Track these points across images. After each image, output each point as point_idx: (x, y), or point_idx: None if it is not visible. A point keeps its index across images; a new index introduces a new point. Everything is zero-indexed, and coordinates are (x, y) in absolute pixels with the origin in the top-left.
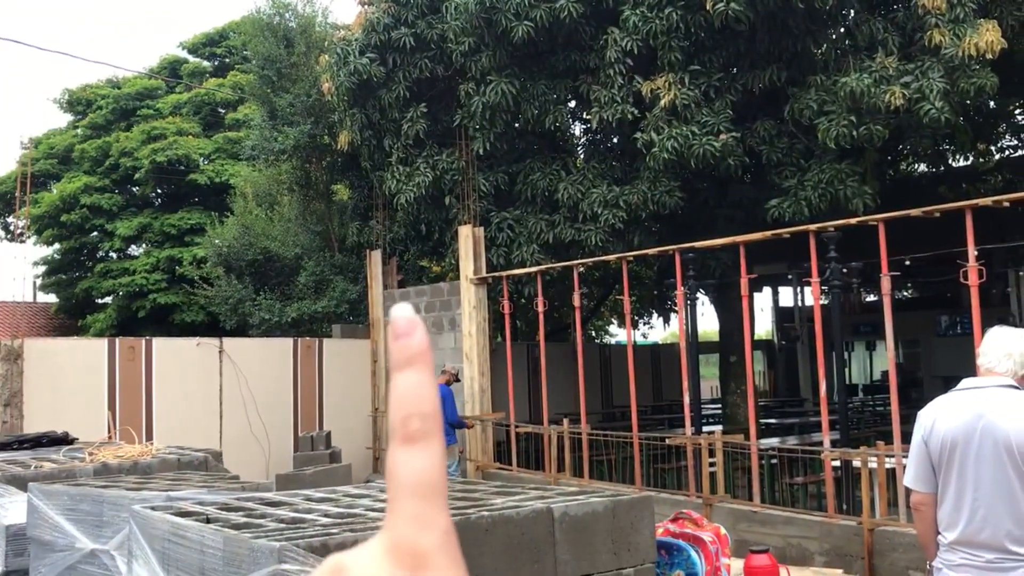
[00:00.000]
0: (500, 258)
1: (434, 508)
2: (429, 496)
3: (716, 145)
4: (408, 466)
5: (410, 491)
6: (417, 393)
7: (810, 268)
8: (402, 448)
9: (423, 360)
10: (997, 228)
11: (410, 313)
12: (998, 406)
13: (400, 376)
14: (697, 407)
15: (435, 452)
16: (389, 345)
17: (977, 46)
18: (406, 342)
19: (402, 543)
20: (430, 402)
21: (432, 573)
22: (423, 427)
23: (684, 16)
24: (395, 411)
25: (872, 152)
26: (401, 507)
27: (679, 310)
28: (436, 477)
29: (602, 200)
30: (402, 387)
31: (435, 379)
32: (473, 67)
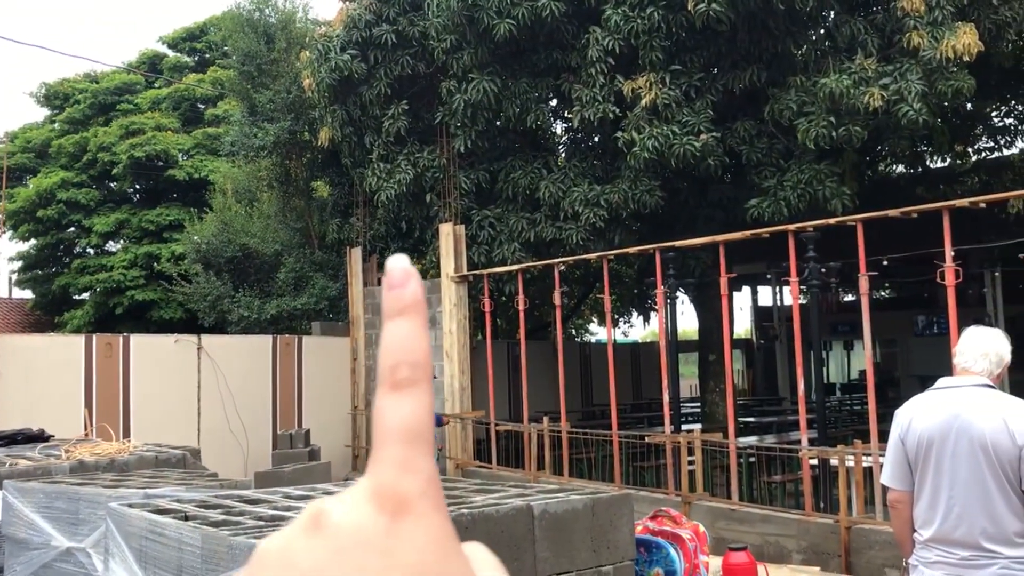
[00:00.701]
0: (481, 256)
1: (418, 453)
2: (413, 441)
3: (696, 145)
4: (393, 412)
5: (395, 436)
6: (408, 342)
7: (789, 268)
8: (389, 395)
9: (416, 310)
10: (974, 229)
11: (405, 263)
12: (974, 405)
13: (391, 324)
14: (676, 405)
15: (422, 400)
16: (383, 295)
17: (955, 48)
18: (399, 292)
19: (384, 487)
20: (421, 351)
21: (414, 518)
22: (412, 375)
23: (665, 16)
24: (384, 359)
25: (851, 153)
26: (385, 452)
27: (659, 309)
28: (422, 424)
29: (583, 199)
30: (393, 335)
31: (427, 330)
32: (455, 65)
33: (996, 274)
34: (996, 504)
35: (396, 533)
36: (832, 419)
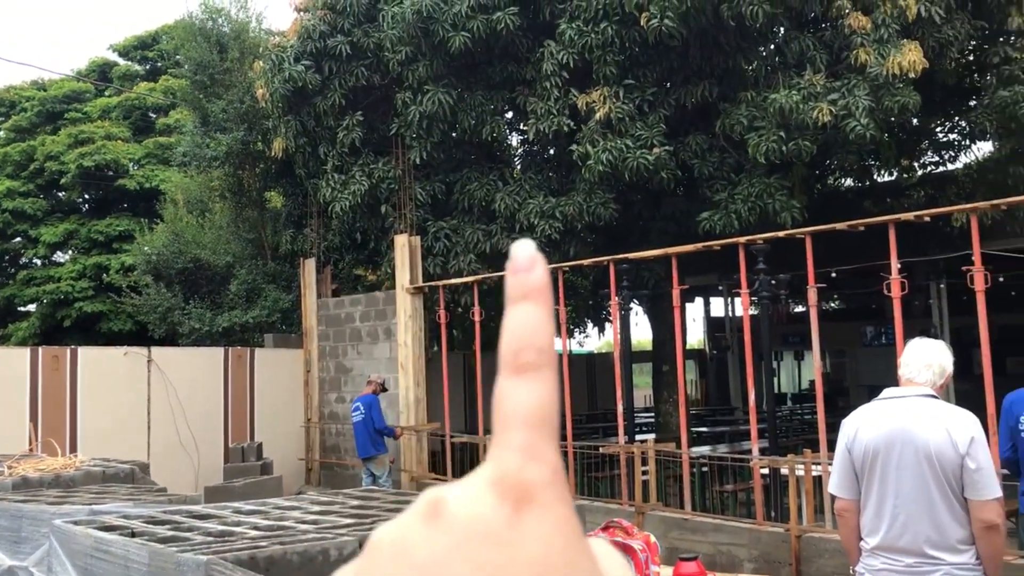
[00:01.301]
0: (437, 267)
1: (543, 441)
2: (538, 428)
3: (650, 158)
4: (517, 396)
5: (518, 421)
6: (532, 326)
7: (740, 280)
8: (512, 379)
9: (541, 295)
10: (920, 242)
11: (532, 249)
12: (918, 416)
13: (515, 309)
14: (630, 416)
15: (547, 385)
16: (506, 280)
17: (900, 65)
18: (524, 276)
19: (506, 475)
20: (545, 336)
21: (538, 509)
22: (536, 359)
23: (619, 31)
24: (507, 344)
25: (800, 167)
26: (507, 438)
27: (613, 320)
28: (547, 410)
29: (539, 211)
30: (516, 320)
31: (552, 317)
32: (410, 76)
33: (941, 286)
34: (940, 512)
35: (519, 525)
36: (783, 428)
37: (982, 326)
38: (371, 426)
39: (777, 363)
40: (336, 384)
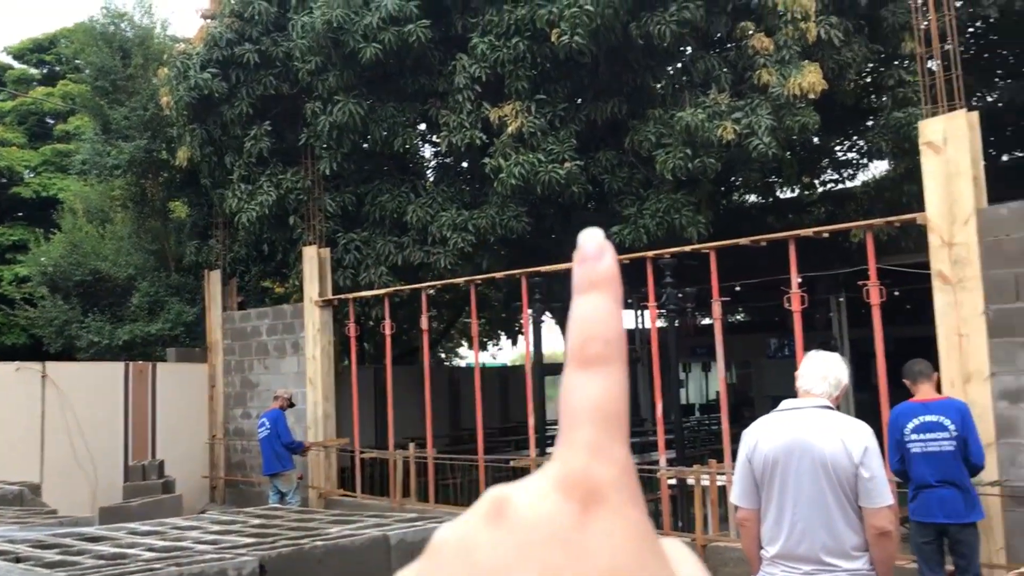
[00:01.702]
0: (347, 280)
1: (612, 438)
2: (606, 424)
3: (561, 173)
4: (584, 390)
5: (585, 417)
6: (600, 316)
7: (648, 293)
8: (578, 372)
9: (609, 284)
10: (821, 256)
11: (600, 238)
12: (815, 426)
13: (582, 299)
14: (542, 428)
15: (616, 378)
16: (574, 269)
17: (801, 86)
18: (592, 265)
19: (573, 475)
20: (614, 327)
21: (607, 511)
22: (604, 351)
23: (530, 46)
24: (574, 334)
25: (706, 183)
26: (574, 435)
27: (525, 333)
28: (616, 405)
29: (451, 223)
30: (584, 310)
31: (621, 307)
32: (320, 86)
33: (841, 299)
34: (836, 520)
35: (587, 528)
36: (691, 439)
37: (878, 338)
38: (276, 442)
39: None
40: (242, 399)
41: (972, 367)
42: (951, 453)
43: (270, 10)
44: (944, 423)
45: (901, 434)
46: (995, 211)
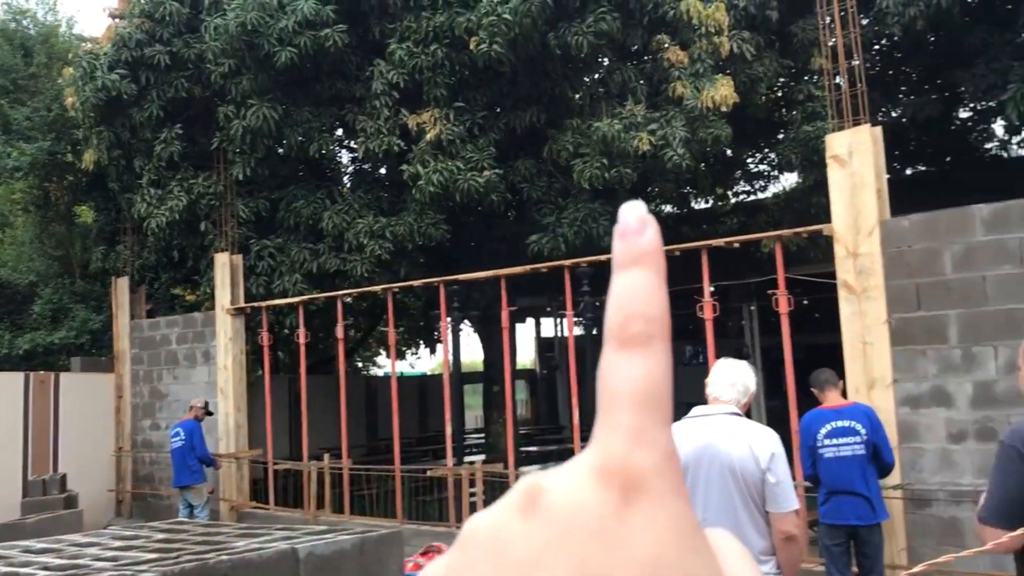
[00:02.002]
0: (260, 288)
1: (653, 423)
2: (648, 408)
3: (480, 181)
4: (625, 372)
5: (626, 400)
6: (642, 293)
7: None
8: (619, 352)
9: (653, 260)
10: (733, 266)
11: (642, 211)
12: (723, 433)
13: (624, 275)
14: (460, 438)
15: (659, 359)
16: (614, 244)
17: (714, 99)
18: (634, 240)
19: (612, 461)
20: (658, 304)
21: (648, 501)
22: (646, 330)
23: (449, 54)
24: (614, 312)
25: (623, 193)
26: (613, 419)
27: (443, 341)
28: (660, 388)
29: (368, 230)
30: (624, 286)
31: (664, 285)
32: (234, 90)
33: (752, 308)
34: (743, 524)
35: (627, 519)
36: None
37: (787, 346)
38: (189, 454)
39: None
40: (150, 410)
41: (876, 374)
42: (863, 457)
43: (182, 11)
44: (856, 428)
45: (814, 440)
46: (897, 223)
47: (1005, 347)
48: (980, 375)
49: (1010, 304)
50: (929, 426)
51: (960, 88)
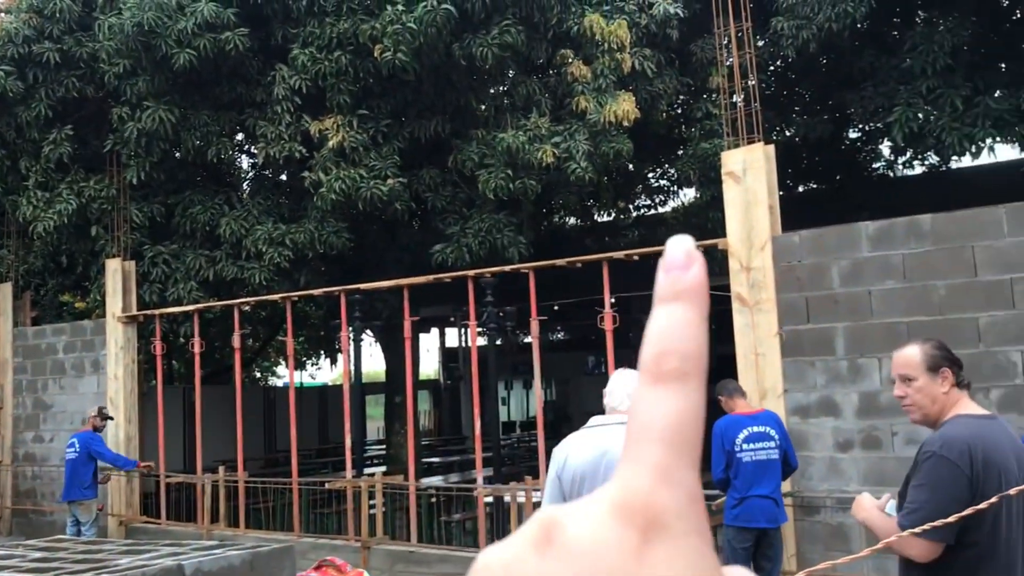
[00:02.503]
0: (153, 295)
1: (681, 462)
2: (677, 446)
3: (383, 189)
4: (657, 407)
5: (653, 436)
6: (681, 329)
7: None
8: (652, 387)
9: (696, 297)
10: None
11: (690, 245)
12: (619, 442)
13: (664, 309)
14: (360, 449)
15: (692, 397)
16: (657, 277)
17: (616, 114)
18: (679, 275)
19: (635, 498)
20: (696, 342)
21: (669, 541)
22: (681, 366)
23: (353, 61)
24: (651, 346)
25: (528, 204)
26: (640, 454)
27: (344, 351)
28: (690, 426)
29: (267, 237)
30: (663, 321)
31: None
32: (129, 91)
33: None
34: None
35: (646, 559)
36: (511, 456)
37: None
38: (80, 467)
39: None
40: (34, 422)
41: (768, 384)
42: (777, 461)
43: (73, 8)
44: (770, 433)
45: (732, 444)
46: (788, 238)
47: (888, 359)
48: (865, 386)
49: (893, 318)
50: (818, 435)
51: (849, 110)
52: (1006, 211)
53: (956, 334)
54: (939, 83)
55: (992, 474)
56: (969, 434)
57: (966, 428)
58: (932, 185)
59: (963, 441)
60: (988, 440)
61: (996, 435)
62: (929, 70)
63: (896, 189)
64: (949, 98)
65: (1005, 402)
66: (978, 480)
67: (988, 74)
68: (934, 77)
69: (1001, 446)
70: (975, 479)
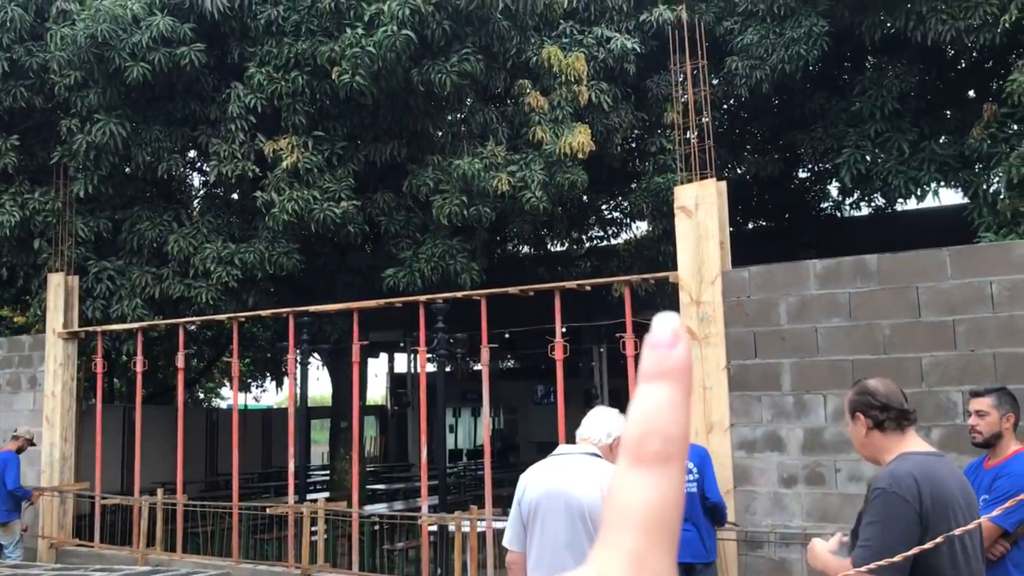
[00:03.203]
0: (96, 311)
1: (659, 550)
2: (654, 532)
3: (337, 211)
4: (636, 492)
5: (633, 523)
6: (664, 411)
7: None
8: (633, 469)
9: (681, 377)
10: (586, 308)
11: (677, 324)
12: (577, 473)
13: (647, 388)
14: (303, 474)
15: (673, 482)
16: (643, 354)
17: (571, 145)
18: (665, 353)
19: None
20: (679, 426)
21: None
22: (663, 450)
23: (310, 82)
24: (633, 426)
25: (482, 231)
26: (617, 540)
27: (290, 374)
28: (670, 513)
29: (216, 256)
30: (647, 401)
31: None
32: (79, 103)
33: (602, 350)
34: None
35: None
36: (458, 484)
37: (631, 388)
38: (1, 488)
39: (456, 419)
40: None
41: (715, 418)
42: (695, 495)
43: (25, 18)
44: (690, 466)
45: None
46: (738, 274)
47: (833, 396)
48: (811, 422)
49: (839, 355)
50: (763, 470)
51: (800, 150)
52: (949, 254)
53: (900, 373)
54: (887, 127)
55: (940, 511)
56: (917, 471)
57: (913, 465)
58: (878, 226)
59: (912, 477)
60: (935, 477)
61: (943, 472)
62: (878, 114)
63: (843, 229)
64: (896, 142)
65: (946, 441)
66: (927, 516)
67: (934, 120)
68: (882, 121)
69: (948, 483)
70: (924, 515)
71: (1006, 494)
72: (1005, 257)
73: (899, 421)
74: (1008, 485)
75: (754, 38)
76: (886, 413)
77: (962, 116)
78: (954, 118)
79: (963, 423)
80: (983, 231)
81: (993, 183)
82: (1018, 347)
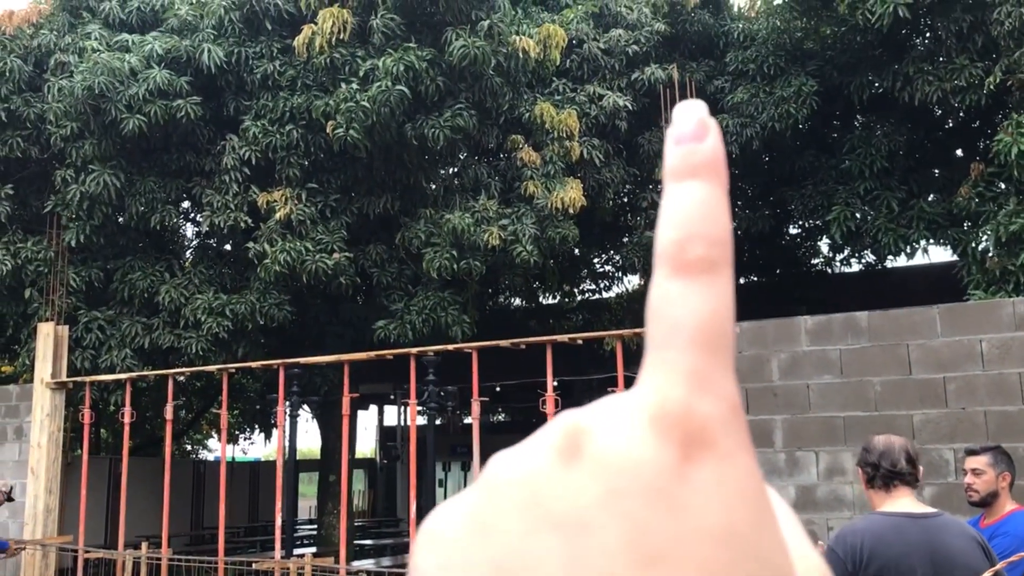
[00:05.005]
0: (86, 361)
1: (719, 368)
2: (713, 349)
3: (329, 263)
4: (686, 304)
5: (686, 337)
6: (704, 210)
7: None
8: (676, 279)
9: (714, 171)
10: (578, 362)
11: (702, 112)
12: None
13: (680, 187)
14: (291, 528)
15: (723, 292)
16: (667, 151)
17: (563, 200)
18: (692, 146)
19: (673, 410)
20: (722, 226)
21: (716, 459)
22: (709, 255)
23: (305, 135)
24: (670, 231)
25: (473, 284)
26: (672, 359)
27: (279, 426)
28: (725, 326)
29: (207, 307)
30: (683, 202)
31: (726, 201)
32: (74, 153)
33: None
34: None
35: (692, 480)
36: None
37: None
38: None
39: (446, 473)
40: None
41: None
42: None
43: (24, 69)
44: None
45: None
46: None
47: (825, 453)
48: (803, 479)
49: (830, 412)
50: None
51: (790, 206)
52: (939, 311)
53: (891, 431)
54: (876, 185)
55: (881, 572)
56: (869, 530)
57: (870, 523)
58: (868, 282)
59: (858, 535)
60: (882, 537)
61: (901, 534)
62: (867, 172)
63: (833, 285)
64: (885, 200)
65: (938, 499)
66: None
67: (922, 178)
68: (871, 179)
69: (894, 544)
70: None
71: (1003, 553)
72: (995, 315)
73: (886, 479)
74: (1006, 544)
75: (744, 96)
76: (876, 471)
77: (950, 175)
78: (942, 176)
79: (955, 481)
80: (972, 288)
81: (982, 241)
82: (1008, 405)
